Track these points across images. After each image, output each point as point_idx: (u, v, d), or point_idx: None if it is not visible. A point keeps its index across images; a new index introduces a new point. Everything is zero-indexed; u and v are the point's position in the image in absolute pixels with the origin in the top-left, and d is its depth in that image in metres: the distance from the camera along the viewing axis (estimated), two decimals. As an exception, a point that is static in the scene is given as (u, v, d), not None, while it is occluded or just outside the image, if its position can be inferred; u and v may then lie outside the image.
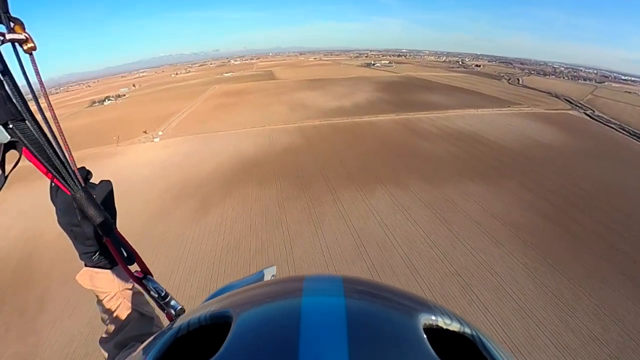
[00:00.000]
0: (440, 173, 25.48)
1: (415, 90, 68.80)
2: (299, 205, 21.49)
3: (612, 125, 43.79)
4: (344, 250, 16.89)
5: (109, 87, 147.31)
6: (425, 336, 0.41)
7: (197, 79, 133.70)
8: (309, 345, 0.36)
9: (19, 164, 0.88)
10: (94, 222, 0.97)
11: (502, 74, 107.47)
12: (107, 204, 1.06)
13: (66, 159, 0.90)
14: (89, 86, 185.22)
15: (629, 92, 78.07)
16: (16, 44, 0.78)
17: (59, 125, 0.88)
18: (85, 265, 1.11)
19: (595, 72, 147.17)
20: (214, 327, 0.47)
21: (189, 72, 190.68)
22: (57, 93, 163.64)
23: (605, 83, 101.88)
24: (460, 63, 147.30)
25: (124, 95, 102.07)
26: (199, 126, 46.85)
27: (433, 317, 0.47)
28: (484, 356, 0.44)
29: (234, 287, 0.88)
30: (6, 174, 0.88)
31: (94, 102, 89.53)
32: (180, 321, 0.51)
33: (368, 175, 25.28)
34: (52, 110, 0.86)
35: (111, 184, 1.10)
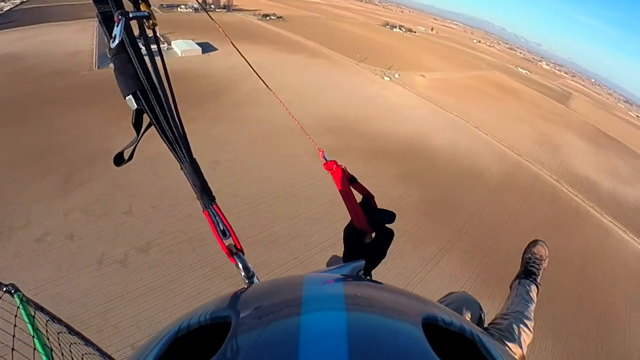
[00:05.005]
0: None
1: None
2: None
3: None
4: None
5: (415, 21, 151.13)
6: (425, 338, 0.40)
7: (491, 56, 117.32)
8: (309, 353, 0.36)
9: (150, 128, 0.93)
10: (195, 193, 1.01)
11: None
12: (382, 248, 1.12)
13: (179, 131, 0.93)
14: (402, 12, 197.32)
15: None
16: (143, 20, 0.83)
17: (175, 99, 0.92)
18: None
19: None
20: (215, 327, 0.47)
21: (492, 46, 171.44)
22: (377, 5, 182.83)
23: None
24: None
25: (415, 32, 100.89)
26: (435, 95, 38.90)
27: (433, 317, 0.46)
28: (483, 356, 0.43)
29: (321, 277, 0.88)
30: (139, 136, 0.93)
31: (387, 24, 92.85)
32: (180, 321, 0.51)
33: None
34: (170, 85, 0.91)
35: (392, 234, 1.14)
